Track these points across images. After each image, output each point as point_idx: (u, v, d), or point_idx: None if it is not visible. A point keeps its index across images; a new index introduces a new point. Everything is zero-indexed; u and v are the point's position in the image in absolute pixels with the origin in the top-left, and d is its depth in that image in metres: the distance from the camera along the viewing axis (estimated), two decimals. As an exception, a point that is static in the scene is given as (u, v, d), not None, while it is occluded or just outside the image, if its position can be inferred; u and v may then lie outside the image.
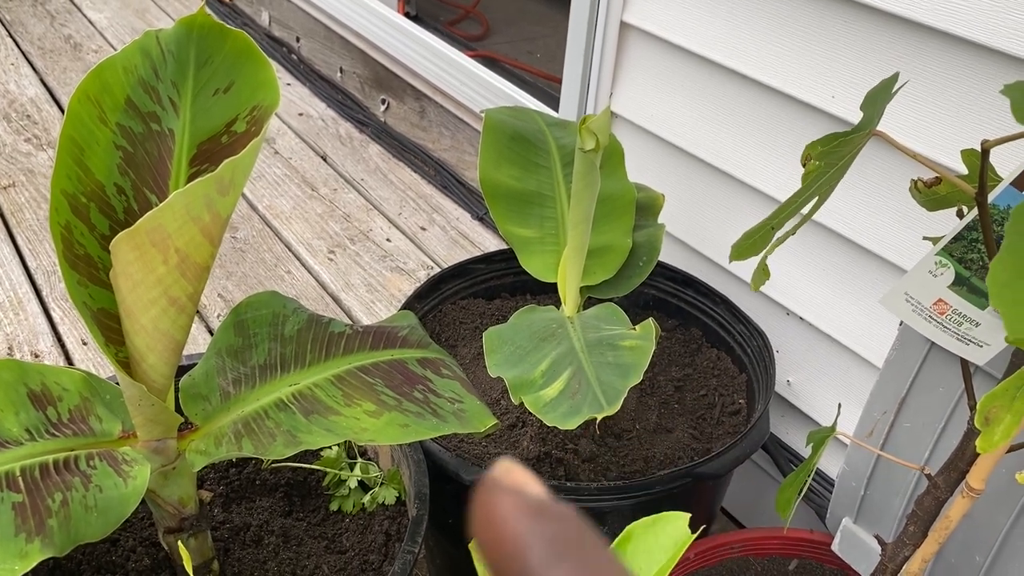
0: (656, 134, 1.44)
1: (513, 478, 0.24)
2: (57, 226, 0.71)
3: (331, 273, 1.97)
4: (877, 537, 0.90)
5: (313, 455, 1.15)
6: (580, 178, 1.01)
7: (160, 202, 0.76)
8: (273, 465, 1.15)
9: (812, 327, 1.31)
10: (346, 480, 1.12)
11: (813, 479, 1.35)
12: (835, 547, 1.11)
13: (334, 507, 1.11)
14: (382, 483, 1.11)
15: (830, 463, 1.35)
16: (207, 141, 0.75)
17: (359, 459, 1.15)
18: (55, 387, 0.80)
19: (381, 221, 2.16)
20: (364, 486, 1.13)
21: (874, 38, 1.09)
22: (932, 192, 0.78)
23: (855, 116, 1.13)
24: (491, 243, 2.08)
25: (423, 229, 2.13)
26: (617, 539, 0.69)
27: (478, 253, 2.02)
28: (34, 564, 0.65)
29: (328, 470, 1.12)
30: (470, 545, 0.75)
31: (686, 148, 1.40)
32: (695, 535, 0.69)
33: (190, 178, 0.75)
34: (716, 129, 1.34)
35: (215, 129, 0.75)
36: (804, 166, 0.75)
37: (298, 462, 1.14)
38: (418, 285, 1.39)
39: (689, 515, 0.70)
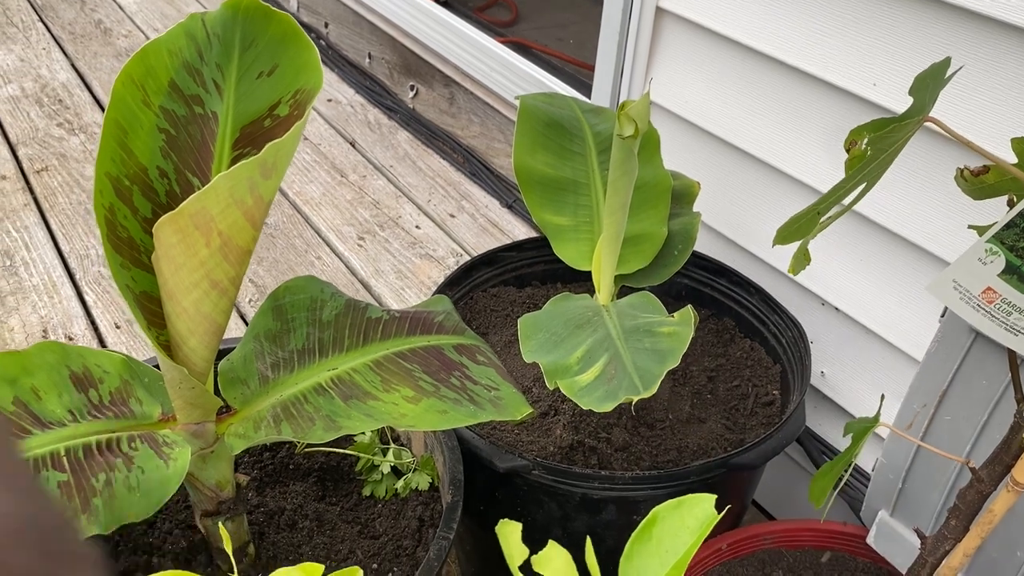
0: (691, 121, 1.43)
1: None
2: (101, 208, 0.71)
3: (361, 259, 1.97)
4: (917, 531, 0.89)
5: (346, 440, 1.16)
6: (617, 165, 1.00)
7: (203, 185, 0.76)
8: (307, 450, 1.15)
9: (848, 318, 1.29)
10: (379, 465, 1.13)
11: (848, 472, 1.34)
12: (870, 540, 1.10)
13: (367, 492, 1.11)
14: (415, 469, 1.11)
15: (863, 456, 1.33)
16: (250, 124, 0.75)
17: (392, 445, 1.15)
18: (96, 369, 0.81)
19: (410, 208, 2.16)
20: (397, 472, 1.13)
21: (918, 23, 1.07)
22: (979, 181, 0.77)
23: (896, 104, 1.12)
24: (520, 231, 2.07)
25: (452, 216, 2.13)
26: (643, 521, 0.69)
27: (507, 241, 2.02)
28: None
29: (361, 455, 1.12)
30: (496, 528, 0.75)
31: (721, 136, 1.38)
32: (720, 515, 0.68)
33: (233, 161, 0.75)
34: (752, 117, 1.33)
35: (258, 112, 0.75)
36: (848, 151, 0.74)
37: (331, 447, 1.14)
38: (447, 272, 1.39)
39: (715, 496, 0.70)
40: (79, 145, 2.37)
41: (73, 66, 2.80)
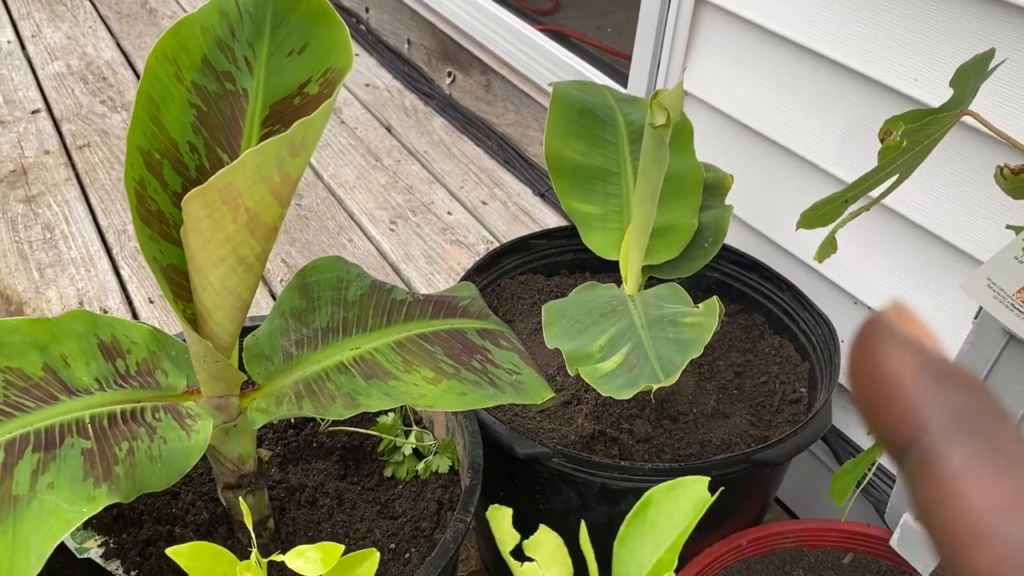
0: (727, 113, 1.41)
1: (909, 326, 0.20)
2: (132, 181, 0.72)
3: (392, 243, 1.98)
4: (940, 534, 0.87)
5: (369, 421, 1.17)
6: (648, 155, 0.99)
7: (232, 161, 0.77)
8: (330, 429, 1.16)
9: (880, 317, 1.27)
10: (401, 447, 1.13)
11: (871, 472, 1.32)
12: (894, 543, 1.08)
13: (388, 473, 1.12)
14: (436, 452, 1.12)
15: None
16: (280, 102, 0.75)
17: (414, 427, 1.16)
18: (124, 340, 0.82)
19: (443, 194, 2.17)
20: (418, 454, 1.13)
21: (961, 17, 1.05)
22: (1019, 179, 0.75)
23: (938, 101, 1.09)
24: (552, 220, 2.07)
25: (484, 203, 2.13)
26: (638, 503, 0.68)
27: (538, 229, 2.01)
28: (100, 508, 0.66)
29: (384, 436, 1.13)
30: (487, 513, 0.75)
31: (758, 129, 1.37)
32: (713, 497, 0.67)
33: (262, 138, 0.76)
34: (790, 110, 1.31)
35: (288, 90, 0.75)
36: (882, 141, 0.72)
37: (355, 427, 1.15)
38: (477, 259, 1.39)
39: (708, 479, 0.69)
40: (121, 123, 2.41)
41: (118, 45, 2.85)
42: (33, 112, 2.44)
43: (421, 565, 0.98)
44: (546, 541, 0.60)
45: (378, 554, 0.77)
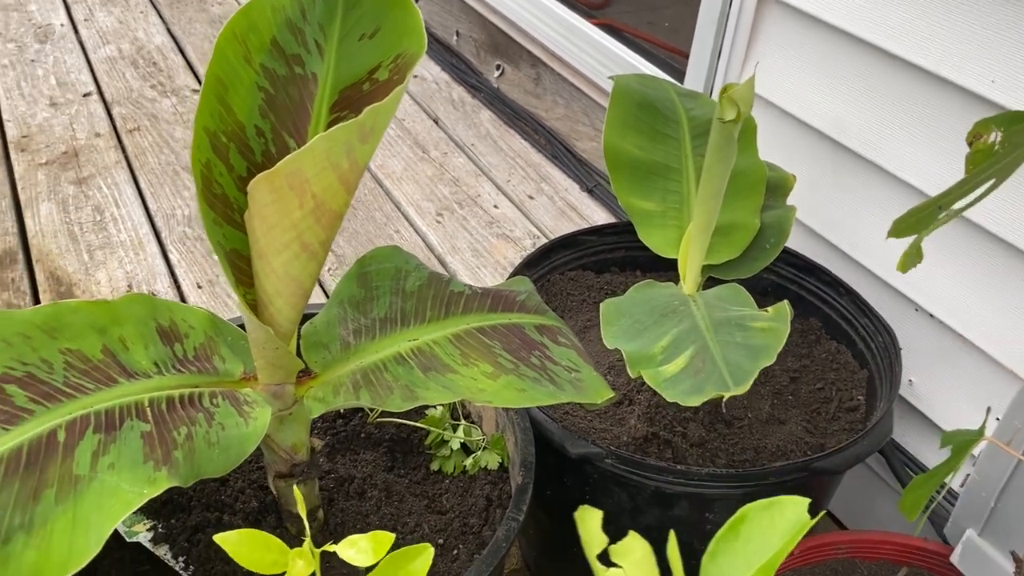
0: (790, 112, 1.38)
1: None
2: (198, 163, 0.71)
3: (438, 235, 1.97)
4: (1013, 554, 0.84)
5: (417, 414, 1.15)
6: (715, 150, 0.96)
7: (298, 146, 0.76)
8: (378, 420, 1.15)
9: (943, 326, 1.23)
10: (449, 441, 1.12)
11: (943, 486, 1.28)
12: (955, 559, 1.05)
13: (434, 467, 1.10)
14: (485, 448, 1.10)
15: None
16: (349, 87, 0.74)
17: (463, 421, 1.14)
18: (182, 324, 0.81)
19: (489, 187, 2.15)
20: (466, 449, 1.12)
21: (1047, 19, 1.01)
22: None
23: (1016, 103, 1.05)
24: (600, 216, 2.05)
25: (531, 198, 2.11)
26: (731, 519, 0.66)
27: (585, 226, 1.99)
28: (161, 491, 0.65)
29: (432, 429, 1.12)
30: (576, 514, 0.73)
31: (821, 128, 1.33)
32: (814, 521, 0.65)
33: (330, 124, 0.74)
34: (856, 110, 1.27)
35: (358, 75, 0.74)
36: (970, 145, 0.69)
37: (403, 419, 1.14)
38: (523, 253, 1.37)
39: (809, 500, 0.66)
40: (170, 107, 2.42)
41: (168, 30, 2.86)
42: (85, 95, 2.46)
43: (469, 562, 0.97)
44: (635, 548, 0.58)
45: (432, 550, 0.75)
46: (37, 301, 1.71)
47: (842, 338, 1.30)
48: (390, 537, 0.72)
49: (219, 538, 0.71)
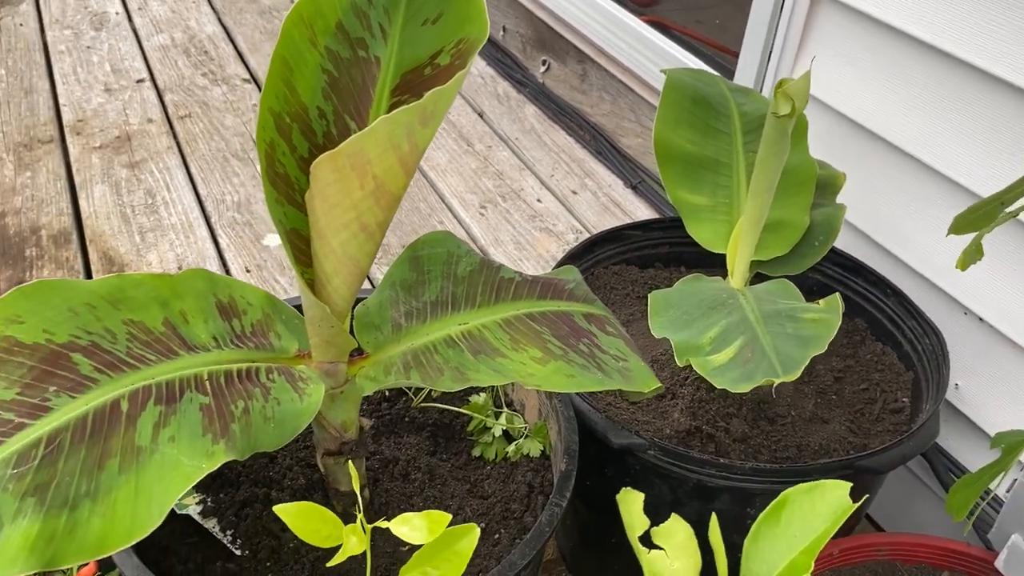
0: (840, 111, 1.37)
1: None
2: (263, 143, 0.73)
3: (481, 227, 1.98)
4: (1062, 558, 0.83)
5: (460, 400, 1.17)
6: (768, 145, 0.96)
7: (359, 129, 0.77)
8: (421, 405, 1.17)
9: (993, 329, 1.22)
10: (491, 428, 1.13)
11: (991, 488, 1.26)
12: (1000, 564, 1.04)
13: (476, 453, 1.12)
14: (527, 435, 1.11)
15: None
16: (410, 71, 0.75)
17: (505, 409, 1.15)
18: (241, 300, 0.83)
19: (533, 181, 2.16)
20: (507, 436, 1.13)
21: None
22: None
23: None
24: (643, 212, 2.04)
25: (574, 193, 2.12)
26: (773, 503, 0.66)
27: (629, 222, 1.99)
28: (219, 465, 0.67)
29: (475, 415, 1.13)
30: (618, 497, 0.73)
31: (872, 128, 1.32)
32: (856, 505, 0.64)
33: (391, 107, 0.76)
34: (909, 110, 1.26)
35: (419, 60, 0.75)
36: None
37: (447, 405, 1.15)
38: (566, 248, 1.38)
39: (850, 484, 0.65)
40: (221, 96, 2.46)
41: (219, 20, 2.91)
42: (138, 81, 2.51)
43: (510, 546, 0.98)
44: (677, 531, 0.59)
45: (478, 530, 0.76)
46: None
47: (888, 339, 1.29)
48: (446, 517, 0.73)
49: (278, 509, 0.73)
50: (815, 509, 0.60)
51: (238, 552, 0.94)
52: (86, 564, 1.14)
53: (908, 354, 1.26)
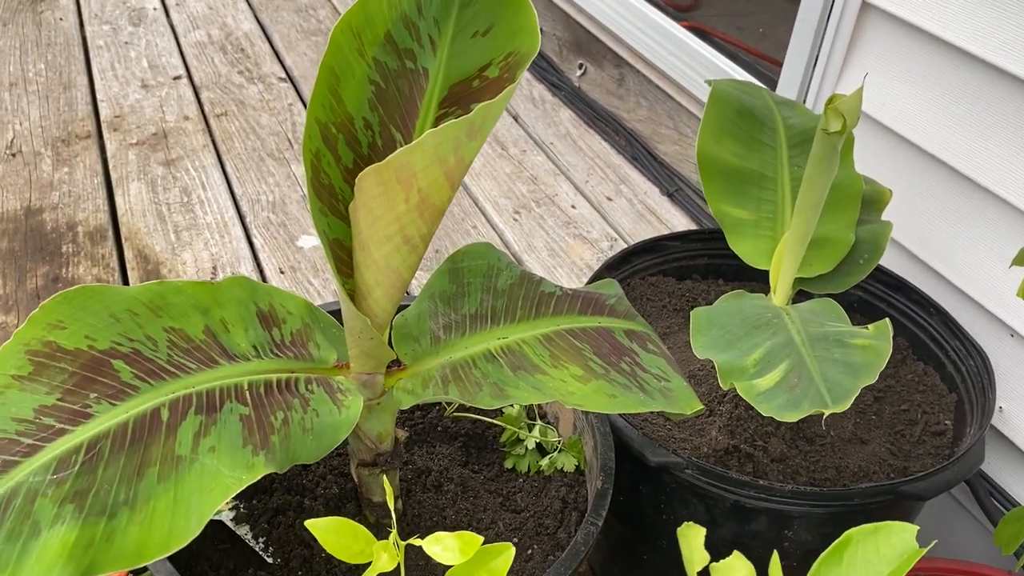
0: (887, 125, 1.34)
1: None
2: (309, 153, 0.72)
3: (515, 233, 1.97)
4: (1115, 596, 0.81)
5: (493, 411, 1.16)
6: (817, 161, 0.94)
7: (404, 141, 0.76)
8: (454, 415, 1.16)
9: (1041, 353, 1.19)
10: (524, 440, 1.12)
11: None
12: (1045, 596, 1.01)
13: (508, 465, 1.11)
14: (561, 449, 1.10)
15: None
16: (458, 84, 0.74)
17: (538, 421, 1.14)
18: (281, 309, 0.83)
19: (567, 187, 2.14)
20: (540, 449, 1.12)
21: None
22: None
23: None
24: (679, 221, 2.02)
25: (609, 199, 2.10)
26: (835, 542, 0.64)
27: (664, 230, 1.97)
28: (258, 477, 0.67)
29: (508, 427, 1.12)
30: (678, 531, 0.72)
31: (920, 144, 1.29)
32: (924, 551, 0.63)
33: (437, 120, 0.75)
34: (960, 126, 1.23)
35: (468, 72, 0.74)
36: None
37: (480, 415, 1.14)
38: (600, 255, 1.36)
39: (918, 528, 0.64)
40: (257, 94, 2.47)
41: (256, 17, 2.92)
42: (175, 78, 2.52)
43: (543, 563, 0.96)
44: (738, 568, 0.57)
45: (513, 549, 0.75)
46: (125, 277, 1.76)
47: (930, 359, 1.27)
48: (478, 539, 0.72)
49: (309, 524, 0.72)
50: (879, 552, 0.58)
51: (270, 560, 0.94)
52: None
53: (951, 375, 1.23)
